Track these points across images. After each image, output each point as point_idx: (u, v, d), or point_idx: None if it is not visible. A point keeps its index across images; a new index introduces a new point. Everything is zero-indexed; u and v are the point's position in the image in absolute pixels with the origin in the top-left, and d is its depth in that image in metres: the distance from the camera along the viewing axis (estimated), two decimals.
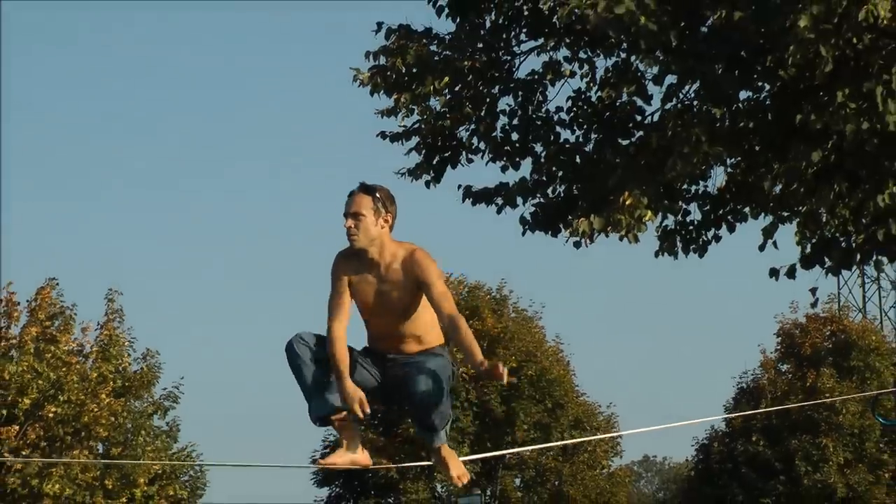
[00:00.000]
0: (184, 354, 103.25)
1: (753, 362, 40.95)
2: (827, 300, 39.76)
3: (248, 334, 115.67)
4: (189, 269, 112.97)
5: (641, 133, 13.34)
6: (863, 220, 12.48)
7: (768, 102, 12.99)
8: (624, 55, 13.26)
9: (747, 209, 13.56)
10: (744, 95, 12.99)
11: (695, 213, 13.71)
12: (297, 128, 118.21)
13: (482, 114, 13.72)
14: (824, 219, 12.79)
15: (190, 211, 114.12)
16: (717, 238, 13.76)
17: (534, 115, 13.79)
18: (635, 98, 13.33)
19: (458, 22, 13.62)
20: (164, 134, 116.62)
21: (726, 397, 39.16)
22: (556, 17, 12.79)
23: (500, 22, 13.63)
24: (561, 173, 13.61)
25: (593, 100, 13.68)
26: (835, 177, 12.38)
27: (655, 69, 12.68)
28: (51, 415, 27.96)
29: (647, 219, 12.63)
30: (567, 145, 13.71)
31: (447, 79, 13.31)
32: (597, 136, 13.64)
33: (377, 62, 13.25)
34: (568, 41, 13.45)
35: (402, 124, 13.69)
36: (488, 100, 13.72)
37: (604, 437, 35.21)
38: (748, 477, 36.18)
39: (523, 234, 13.72)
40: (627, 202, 12.43)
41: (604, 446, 37.16)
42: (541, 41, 13.54)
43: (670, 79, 12.88)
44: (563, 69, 13.60)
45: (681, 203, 13.54)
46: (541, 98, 13.77)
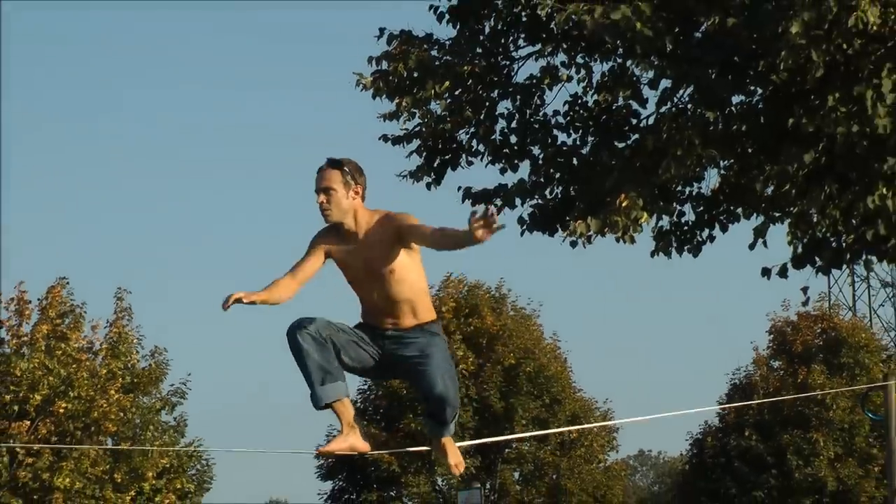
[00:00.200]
0: (191, 352, 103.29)
1: (746, 359, 40.90)
2: (818, 299, 39.76)
3: (254, 332, 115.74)
4: (196, 269, 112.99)
5: (637, 136, 13.33)
6: (853, 221, 12.47)
7: (761, 106, 12.98)
8: (620, 60, 13.26)
9: (740, 210, 13.55)
10: (737, 99, 12.99)
11: (689, 214, 13.70)
12: (301, 131, 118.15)
13: (481, 117, 13.72)
14: (815, 219, 12.78)
15: (196, 212, 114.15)
16: (711, 238, 13.75)
17: (532, 119, 13.78)
18: (631, 102, 13.32)
19: (458, 28, 13.62)
20: (168, 138, 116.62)
21: (720, 393, 39.16)
22: (553, 23, 12.77)
23: (499, 28, 13.62)
24: (558, 175, 13.61)
25: (590, 104, 13.67)
26: (825, 178, 12.37)
27: (651, 74, 12.67)
28: (61, 410, 27.95)
29: (643, 220, 12.62)
30: (564, 148, 13.70)
31: (447, 83, 13.30)
32: (593, 139, 13.63)
33: (379, 67, 13.24)
34: (565, 46, 13.44)
35: (404, 128, 13.68)
36: (487, 104, 13.72)
37: (603, 424, 35.17)
38: (741, 471, 36.16)
39: (521, 234, 13.72)
40: (623, 203, 12.42)
41: (600, 441, 37.13)
42: (538, 46, 13.53)
43: (665, 83, 12.88)
44: (560, 74, 13.58)
45: (675, 204, 13.53)
46: (538, 102, 13.76)
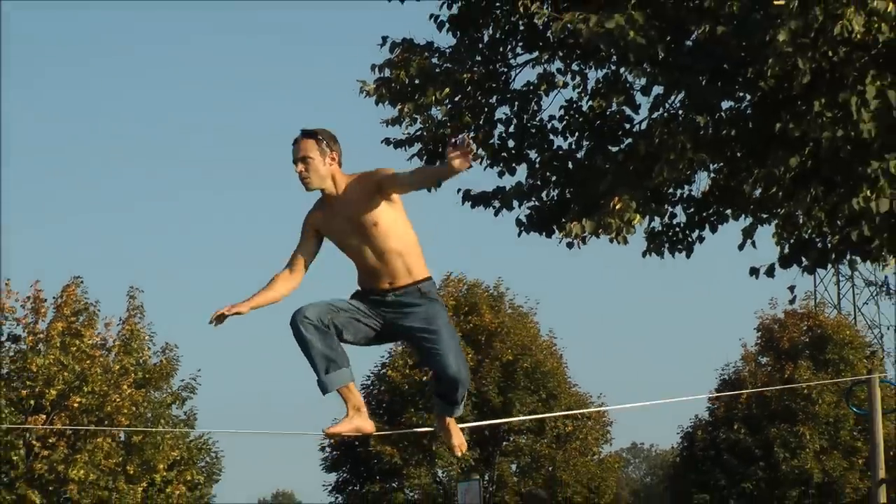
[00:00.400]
0: (200, 348, 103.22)
1: (735, 355, 40.94)
2: (804, 297, 39.73)
3: (262, 329, 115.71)
4: (205, 269, 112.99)
5: (630, 140, 13.32)
6: (838, 222, 12.46)
7: (749, 111, 12.98)
8: (614, 67, 13.25)
9: (729, 212, 13.54)
10: (726, 105, 12.98)
11: (680, 216, 13.69)
12: None
13: (480, 122, 13.71)
14: (801, 221, 12.77)
15: (205, 214, 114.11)
16: (701, 239, 13.75)
17: (529, 124, 13.78)
18: (624, 107, 13.32)
19: (458, 36, 13.62)
20: (177, 141, 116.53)
21: (710, 388, 39.13)
22: (550, 32, 12.77)
23: (498, 36, 13.62)
24: (554, 178, 13.60)
25: (585, 109, 13.67)
26: (811, 181, 12.37)
27: (643, 80, 12.67)
28: (76, 405, 27.96)
29: (636, 221, 12.62)
30: (560, 152, 13.70)
31: (447, 90, 13.30)
32: (588, 143, 13.63)
33: (382, 74, 13.24)
34: (561, 54, 13.44)
35: (406, 132, 13.67)
36: (486, 109, 13.71)
37: (597, 409, 35.11)
38: (730, 463, 36.16)
39: (519, 235, 13.71)
40: (617, 206, 12.42)
41: (595, 434, 37.12)
42: (535, 54, 13.53)
43: (657, 89, 12.88)
44: (556, 80, 13.58)
45: (667, 206, 13.53)
46: (535, 107, 13.76)
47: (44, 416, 27.93)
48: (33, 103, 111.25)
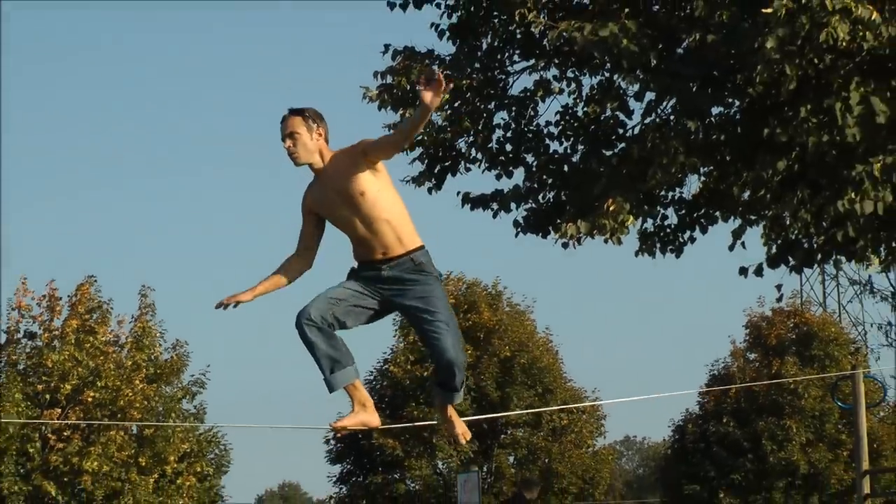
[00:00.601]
0: (210, 345, 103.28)
1: (724, 351, 40.91)
2: (791, 295, 39.69)
3: (269, 326, 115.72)
4: (215, 268, 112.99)
5: (623, 145, 13.32)
6: (823, 224, 12.46)
7: (738, 117, 12.98)
8: (608, 74, 13.25)
9: (719, 213, 13.54)
10: (716, 111, 12.98)
11: (672, 217, 13.70)
12: None
13: (479, 127, 13.71)
14: (788, 222, 12.78)
15: (214, 215, 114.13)
16: (692, 240, 13.74)
17: (526, 129, 13.77)
18: (618, 113, 13.32)
19: (458, 44, 13.61)
20: (183, 143, 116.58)
21: (700, 382, 39.09)
22: (546, 40, 12.77)
23: (496, 44, 13.61)
24: (550, 181, 13.60)
25: (580, 115, 13.67)
26: (798, 184, 12.37)
27: (636, 87, 12.66)
28: (90, 399, 27.96)
29: (629, 222, 12.62)
30: (556, 156, 13.70)
31: (447, 95, 13.29)
32: (583, 147, 13.63)
33: (384, 81, 13.23)
34: (557, 61, 13.44)
35: None
36: (485, 115, 13.71)
37: (592, 403, 35.12)
38: (719, 455, 36.13)
39: (516, 236, 13.71)
40: (611, 207, 12.41)
41: (589, 428, 37.08)
42: (532, 61, 13.53)
43: (650, 95, 12.87)
44: (552, 87, 13.58)
45: (659, 208, 13.53)
46: (532, 113, 13.76)
47: (59, 410, 27.94)
48: (43, 106, 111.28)
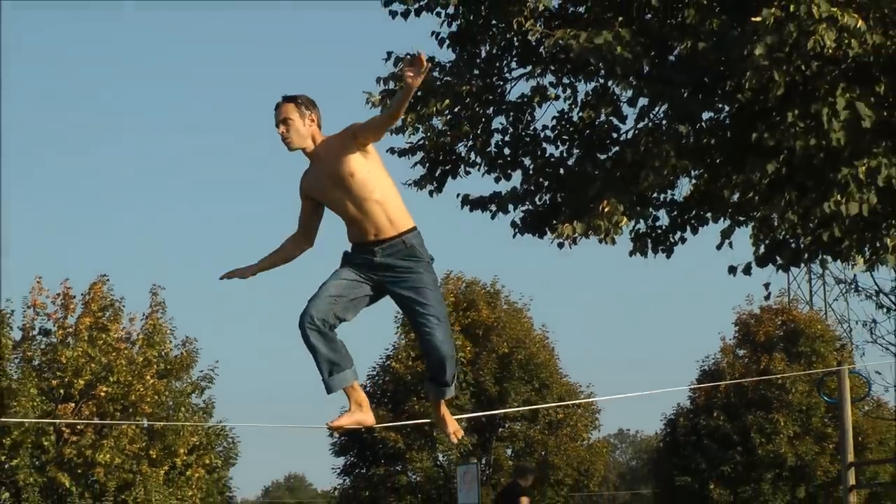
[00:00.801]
0: (218, 342, 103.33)
1: (714, 348, 40.94)
2: (778, 294, 39.76)
3: (275, 324, 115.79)
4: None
5: (617, 148, 13.32)
6: (810, 225, 12.46)
7: (728, 122, 12.98)
8: (602, 80, 13.26)
9: (709, 214, 13.55)
10: (707, 116, 12.98)
11: (664, 219, 13.70)
12: None
13: (478, 132, 13.71)
14: (776, 223, 12.78)
15: (222, 216, 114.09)
16: (683, 240, 13.75)
17: (523, 133, 13.77)
18: (612, 118, 13.32)
19: (458, 52, 13.62)
20: (190, 146, 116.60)
21: (691, 378, 39.09)
22: (542, 48, 12.78)
23: (494, 52, 13.62)
24: (547, 184, 13.61)
25: (575, 119, 13.67)
26: (786, 187, 12.37)
27: (630, 93, 12.66)
28: (102, 394, 27.97)
29: (622, 223, 12.62)
30: (552, 159, 13.70)
31: (448, 101, 13.30)
32: (578, 151, 13.63)
33: (387, 87, 13.23)
34: (553, 68, 13.44)
35: (409, 141, 13.68)
36: (483, 119, 13.71)
37: (587, 400, 35.08)
38: (710, 448, 36.12)
39: (514, 236, 13.72)
40: (605, 209, 12.41)
41: (584, 421, 37.06)
42: (529, 68, 13.52)
43: (643, 101, 12.87)
44: (548, 93, 13.58)
45: (651, 209, 13.53)
46: (529, 118, 13.76)
47: (72, 405, 27.95)
48: (53, 109, 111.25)
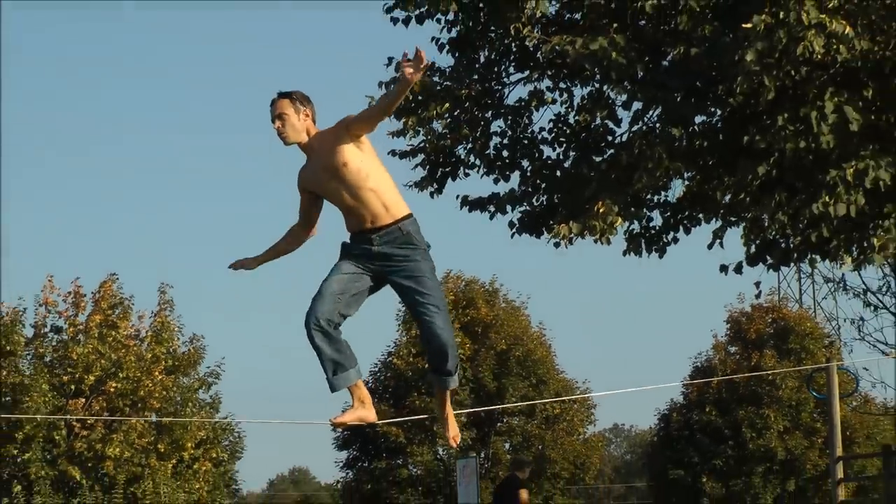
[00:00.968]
0: (224, 339, 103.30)
1: (706, 345, 40.91)
2: (769, 292, 39.59)
3: (280, 321, 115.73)
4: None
5: (612, 151, 13.33)
6: (799, 225, 12.46)
7: (720, 125, 12.98)
8: (597, 85, 13.26)
9: (702, 215, 13.54)
10: (699, 119, 12.99)
11: (657, 219, 13.70)
12: None
13: (477, 135, 13.72)
14: (767, 223, 12.78)
15: (229, 217, 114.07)
16: (676, 240, 13.75)
17: (521, 136, 13.78)
18: (607, 121, 13.32)
19: (457, 57, 13.62)
20: (197, 151, 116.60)
21: (684, 374, 39.07)
22: (539, 53, 12.78)
23: (493, 57, 13.62)
24: (544, 185, 13.61)
25: (571, 123, 13.68)
26: (776, 188, 12.37)
27: (624, 97, 12.67)
28: (112, 389, 27.97)
29: (617, 224, 12.62)
30: (549, 161, 13.70)
31: (447, 105, 13.30)
32: (574, 153, 13.63)
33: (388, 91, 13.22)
34: (550, 73, 13.44)
35: (410, 143, 13.69)
36: (482, 123, 13.72)
37: (583, 395, 35.07)
38: (702, 442, 36.12)
39: (512, 236, 13.71)
40: (600, 210, 12.42)
41: (580, 416, 37.06)
42: (527, 73, 13.53)
43: (637, 105, 12.88)
44: (545, 97, 13.59)
45: (645, 210, 13.53)
46: (527, 121, 13.76)
47: (83, 400, 27.96)
48: (61, 112, 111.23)
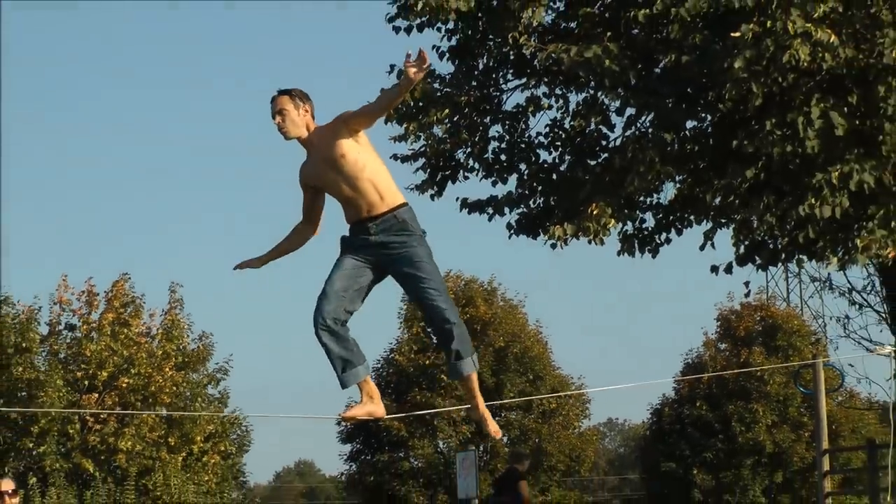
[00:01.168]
0: (233, 336, 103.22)
1: (697, 342, 40.90)
2: (757, 291, 39.47)
3: (287, 319, 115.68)
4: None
5: (606, 155, 13.34)
6: (787, 227, 12.48)
7: (710, 130, 13.00)
8: (592, 91, 13.27)
9: (693, 217, 13.56)
10: (690, 124, 13.00)
11: (649, 221, 13.72)
12: None
13: (476, 139, 13.73)
14: (755, 225, 12.79)
15: (236, 218, 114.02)
16: (668, 241, 13.76)
17: (518, 141, 13.79)
18: (601, 126, 13.34)
19: (457, 64, 13.63)
20: (199, 151, 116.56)
21: (675, 370, 39.07)
22: (536, 61, 12.79)
23: (491, 64, 13.63)
24: (540, 188, 13.62)
25: (567, 128, 13.69)
26: (764, 191, 12.39)
27: (618, 103, 12.69)
28: (124, 385, 27.99)
29: (611, 225, 12.64)
30: (545, 165, 13.72)
31: (447, 111, 13.32)
32: (570, 157, 13.65)
33: None
34: (546, 80, 13.46)
35: (411, 148, 13.70)
36: (481, 128, 13.73)
37: (577, 392, 35.07)
38: (693, 436, 36.13)
39: (509, 237, 13.74)
40: (595, 212, 12.44)
41: (575, 411, 37.05)
42: (524, 80, 13.55)
43: (630, 111, 12.90)
44: (542, 103, 13.60)
45: (638, 212, 13.55)
46: (524, 126, 13.78)
47: (96, 395, 27.98)
48: (66, 113, 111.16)
